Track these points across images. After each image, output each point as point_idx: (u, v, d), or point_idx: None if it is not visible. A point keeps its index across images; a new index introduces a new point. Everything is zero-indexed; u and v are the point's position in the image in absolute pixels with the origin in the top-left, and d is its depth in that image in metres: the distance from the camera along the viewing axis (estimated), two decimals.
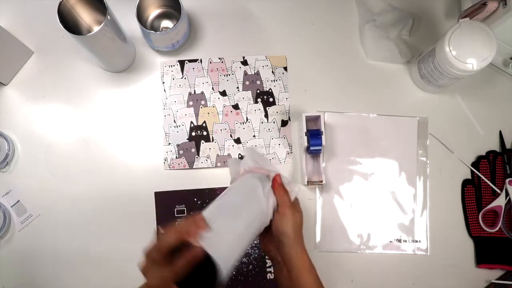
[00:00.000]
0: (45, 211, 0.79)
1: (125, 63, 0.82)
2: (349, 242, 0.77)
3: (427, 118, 0.81)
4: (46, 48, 0.83)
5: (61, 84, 0.82)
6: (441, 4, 0.85)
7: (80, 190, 0.79)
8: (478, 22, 0.68)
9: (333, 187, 0.79)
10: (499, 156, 0.79)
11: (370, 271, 0.78)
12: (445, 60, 0.68)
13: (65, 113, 0.82)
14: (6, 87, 0.82)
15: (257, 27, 0.84)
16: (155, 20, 0.82)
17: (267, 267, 0.77)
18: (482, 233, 0.77)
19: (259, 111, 0.81)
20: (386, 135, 0.80)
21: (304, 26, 0.84)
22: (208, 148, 0.80)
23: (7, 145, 0.79)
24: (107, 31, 0.68)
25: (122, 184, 0.79)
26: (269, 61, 0.82)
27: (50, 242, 0.78)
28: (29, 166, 0.80)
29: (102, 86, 0.82)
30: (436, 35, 0.73)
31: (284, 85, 0.82)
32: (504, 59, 0.79)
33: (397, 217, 0.79)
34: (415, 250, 0.78)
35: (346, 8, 0.84)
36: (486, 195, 0.78)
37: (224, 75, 0.82)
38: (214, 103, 0.81)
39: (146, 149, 0.80)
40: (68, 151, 0.80)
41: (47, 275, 0.77)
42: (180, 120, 0.81)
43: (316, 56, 0.83)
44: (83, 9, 0.72)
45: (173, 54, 0.83)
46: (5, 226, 0.77)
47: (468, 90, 0.82)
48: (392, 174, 0.79)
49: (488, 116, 0.81)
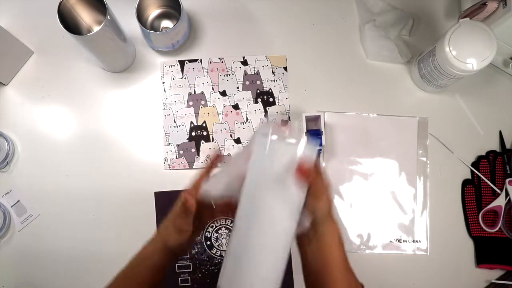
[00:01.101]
0: (45, 211, 0.79)
1: (125, 63, 0.82)
2: (349, 242, 0.77)
3: (427, 118, 0.81)
4: (46, 48, 0.83)
5: (61, 84, 0.82)
6: (441, 4, 0.85)
7: (80, 190, 0.79)
8: (478, 22, 0.68)
9: (333, 187, 0.79)
10: (499, 156, 0.79)
11: (370, 271, 0.77)
12: (445, 60, 0.68)
13: (65, 113, 0.82)
14: (6, 87, 0.82)
15: (257, 27, 0.84)
16: (155, 20, 0.82)
17: None
18: (482, 233, 0.77)
19: (259, 111, 0.81)
20: (386, 135, 0.80)
21: (304, 26, 0.84)
22: (208, 148, 0.80)
23: (7, 145, 0.79)
24: (107, 31, 0.68)
25: (122, 184, 0.79)
26: (269, 61, 0.82)
27: (50, 242, 0.78)
28: (29, 166, 0.80)
29: (102, 86, 0.82)
30: (436, 35, 0.73)
31: (284, 85, 0.82)
32: (504, 59, 0.79)
33: (397, 217, 0.79)
34: (415, 250, 0.78)
35: (346, 8, 0.84)
36: (486, 195, 0.78)
37: (224, 75, 0.82)
38: (214, 103, 0.81)
39: (146, 149, 0.80)
40: (68, 151, 0.80)
41: (47, 275, 0.77)
42: (180, 120, 0.81)
43: (316, 56, 0.83)
44: (83, 9, 0.72)
45: (173, 54, 0.83)
46: (5, 226, 0.77)
47: (468, 90, 0.82)
48: (392, 174, 0.79)
49: (488, 116, 0.81)
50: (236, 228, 0.49)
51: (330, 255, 0.52)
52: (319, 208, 0.51)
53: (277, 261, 0.47)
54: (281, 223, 0.48)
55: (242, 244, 0.48)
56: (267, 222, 0.48)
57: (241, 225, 0.48)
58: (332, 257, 0.52)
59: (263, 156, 0.48)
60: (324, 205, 0.52)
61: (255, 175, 0.48)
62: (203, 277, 0.77)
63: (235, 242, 0.49)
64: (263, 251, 0.47)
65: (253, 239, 0.47)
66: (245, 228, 0.48)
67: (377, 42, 0.81)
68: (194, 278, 0.77)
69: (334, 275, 0.52)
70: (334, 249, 0.53)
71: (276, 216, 0.47)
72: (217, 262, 0.77)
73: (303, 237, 0.53)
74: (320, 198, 0.51)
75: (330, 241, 0.52)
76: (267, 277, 0.47)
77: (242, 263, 0.47)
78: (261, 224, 0.47)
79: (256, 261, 0.47)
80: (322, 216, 0.52)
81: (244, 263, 0.47)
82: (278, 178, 0.47)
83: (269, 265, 0.47)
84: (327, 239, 0.52)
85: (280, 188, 0.47)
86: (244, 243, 0.48)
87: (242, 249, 0.48)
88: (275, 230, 0.48)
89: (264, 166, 0.48)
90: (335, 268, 0.52)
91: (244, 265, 0.47)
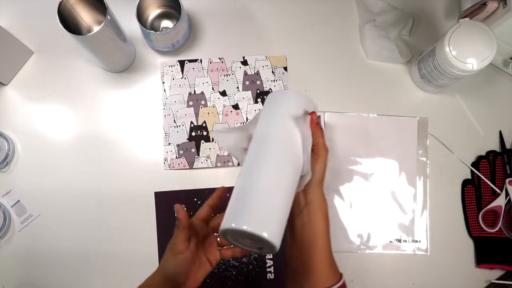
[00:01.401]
0: (45, 211, 0.79)
1: (125, 63, 0.82)
2: (349, 242, 0.77)
3: (427, 118, 0.81)
4: (46, 48, 0.83)
5: (61, 84, 0.82)
6: (441, 4, 0.85)
7: (80, 190, 0.79)
8: (478, 22, 0.68)
9: (333, 187, 0.79)
10: (499, 156, 0.79)
11: (370, 271, 0.78)
12: (445, 60, 0.68)
13: (65, 113, 0.82)
14: (6, 87, 0.82)
15: (257, 27, 0.84)
16: (155, 20, 0.82)
17: (267, 267, 0.77)
18: (482, 233, 0.77)
19: (259, 111, 0.81)
20: (386, 135, 0.80)
21: (304, 26, 0.84)
22: (208, 148, 0.80)
23: (7, 145, 0.79)
24: (107, 31, 0.68)
25: (122, 184, 0.79)
26: (269, 61, 0.82)
27: (50, 242, 0.78)
28: (29, 166, 0.80)
29: (102, 86, 0.82)
30: (436, 35, 0.73)
31: (284, 85, 0.82)
32: (504, 59, 0.79)
33: (397, 217, 0.79)
34: (415, 250, 0.78)
35: (346, 8, 0.84)
36: (486, 195, 0.78)
37: (224, 75, 0.82)
38: (214, 103, 0.81)
39: (146, 149, 0.80)
40: (68, 151, 0.80)
41: (47, 275, 0.77)
42: (180, 120, 0.81)
43: (316, 56, 0.83)
44: (83, 9, 0.72)
45: (173, 54, 0.83)
46: (5, 226, 0.77)
47: (468, 90, 0.82)
48: (392, 174, 0.79)
49: (488, 116, 0.81)
50: (245, 166, 0.50)
51: (318, 228, 0.53)
52: (315, 170, 0.53)
53: (282, 199, 0.48)
54: (289, 157, 0.50)
55: (250, 179, 0.49)
56: (279, 150, 0.50)
57: (250, 161, 0.50)
58: (320, 229, 0.53)
59: (280, 101, 0.54)
60: (320, 169, 0.54)
61: (270, 114, 0.53)
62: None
63: (242, 179, 0.49)
64: (270, 184, 0.48)
65: (261, 172, 0.48)
66: (254, 163, 0.49)
67: (377, 42, 0.81)
68: None
69: (320, 248, 0.52)
70: (322, 222, 0.53)
71: (287, 148, 0.50)
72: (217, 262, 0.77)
73: (294, 206, 0.53)
74: (318, 160, 0.54)
75: (319, 212, 0.53)
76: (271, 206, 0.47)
77: (246, 195, 0.47)
78: (271, 156, 0.49)
79: (262, 193, 0.47)
80: (315, 181, 0.53)
81: (248, 194, 0.47)
82: (293, 118, 0.51)
83: (275, 200, 0.47)
84: (317, 210, 0.53)
85: (292, 126, 0.51)
86: (252, 178, 0.48)
87: (249, 184, 0.48)
88: (284, 163, 0.49)
89: (281, 108, 0.53)
90: (321, 242, 0.53)
91: (248, 197, 0.47)
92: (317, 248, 0.52)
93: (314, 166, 0.53)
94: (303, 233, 0.53)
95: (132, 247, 0.78)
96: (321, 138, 0.54)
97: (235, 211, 0.47)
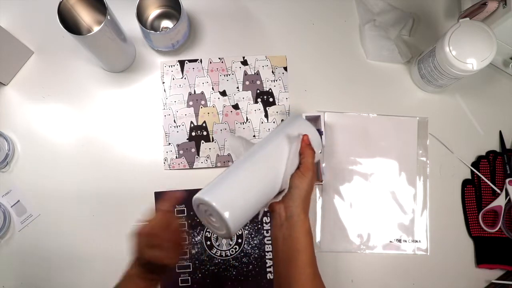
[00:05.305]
0: (45, 211, 0.79)
1: (125, 63, 0.82)
2: (349, 242, 0.78)
3: (427, 118, 0.81)
4: (46, 48, 0.83)
5: (61, 84, 0.82)
6: (441, 4, 0.85)
7: (80, 190, 0.79)
8: (478, 22, 0.68)
9: (333, 187, 0.79)
10: (499, 156, 0.79)
11: (370, 271, 0.78)
12: (445, 60, 0.68)
13: (65, 113, 0.82)
14: (6, 87, 0.82)
15: (257, 27, 0.84)
16: (155, 20, 0.82)
17: (267, 267, 0.77)
18: (482, 233, 0.77)
19: (259, 111, 0.81)
20: (386, 135, 0.80)
21: (304, 26, 0.84)
22: (208, 148, 0.80)
23: (7, 145, 0.79)
24: (107, 31, 0.68)
25: (122, 184, 0.79)
26: (269, 61, 0.82)
27: (50, 242, 0.78)
28: (29, 166, 0.80)
29: (102, 86, 0.82)
30: (436, 35, 0.73)
31: (284, 85, 0.82)
32: (504, 59, 0.79)
33: (397, 217, 0.79)
34: (415, 250, 0.78)
35: (346, 8, 0.84)
36: (486, 195, 0.78)
37: (224, 75, 0.82)
38: (214, 103, 0.81)
39: (146, 149, 0.80)
40: (68, 151, 0.80)
41: (47, 275, 0.77)
42: (180, 120, 0.81)
43: (316, 56, 0.83)
44: (83, 9, 0.72)
45: (173, 54, 0.83)
46: (5, 226, 0.77)
47: (468, 90, 0.82)
48: (392, 174, 0.79)
49: (488, 116, 0.81)
50: (236, 161, 0.58)
51: (299, 243, 0.54)
52: (298, 187, 0.56)
53: (253, 196, 0.54)
54: (271, 165, 0.57)
55: (233, 171, 0.56)
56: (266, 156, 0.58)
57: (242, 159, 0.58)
58: (301, 245, 0.54)
59: (287, 122, 0.63)
60: (303, 186, 0.56)
61: (275, 131, 0.62)
62: (203, 277, 0.77)
63: (229, 168, 0.57)
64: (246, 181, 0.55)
65: (244, 170, 0.56)
66: (243, 161, 0.57)
67: (377, 42, 0.81)
68: (194, 278, 0.77)
69: (300, 265, 0.53)
70: (304, 238, 0.54)
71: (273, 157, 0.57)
72: (217, 262, 0.77)
73: (277, 217, 0.56)
74: (303, 178, 0.56)
75: (300, 227, 0.54)
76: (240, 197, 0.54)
77: (224, 180, 0.55)
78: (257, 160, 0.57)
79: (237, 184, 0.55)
80: (297, 196, 0.55)
81: (226, 180, 0.55)
82: (288, 137, 0.59)
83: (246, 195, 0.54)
84: (297, 225, 0.54)
85: (288, 142, 0.58)
86: (235, 171, 0.56)
87: (231, 174, 0.56)
88: (270, 163, 0.57)
89: (284, 128, 0.61)
90: (302, 258, 0.53)
91: (225, 182, 0.55)
92: (298, 265, 0.53)
93: (298, 182, 0.56)
94: (284, 248, 0.55)
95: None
96: (309, 158, 0.58)
97: (211, 188, 0.54)
